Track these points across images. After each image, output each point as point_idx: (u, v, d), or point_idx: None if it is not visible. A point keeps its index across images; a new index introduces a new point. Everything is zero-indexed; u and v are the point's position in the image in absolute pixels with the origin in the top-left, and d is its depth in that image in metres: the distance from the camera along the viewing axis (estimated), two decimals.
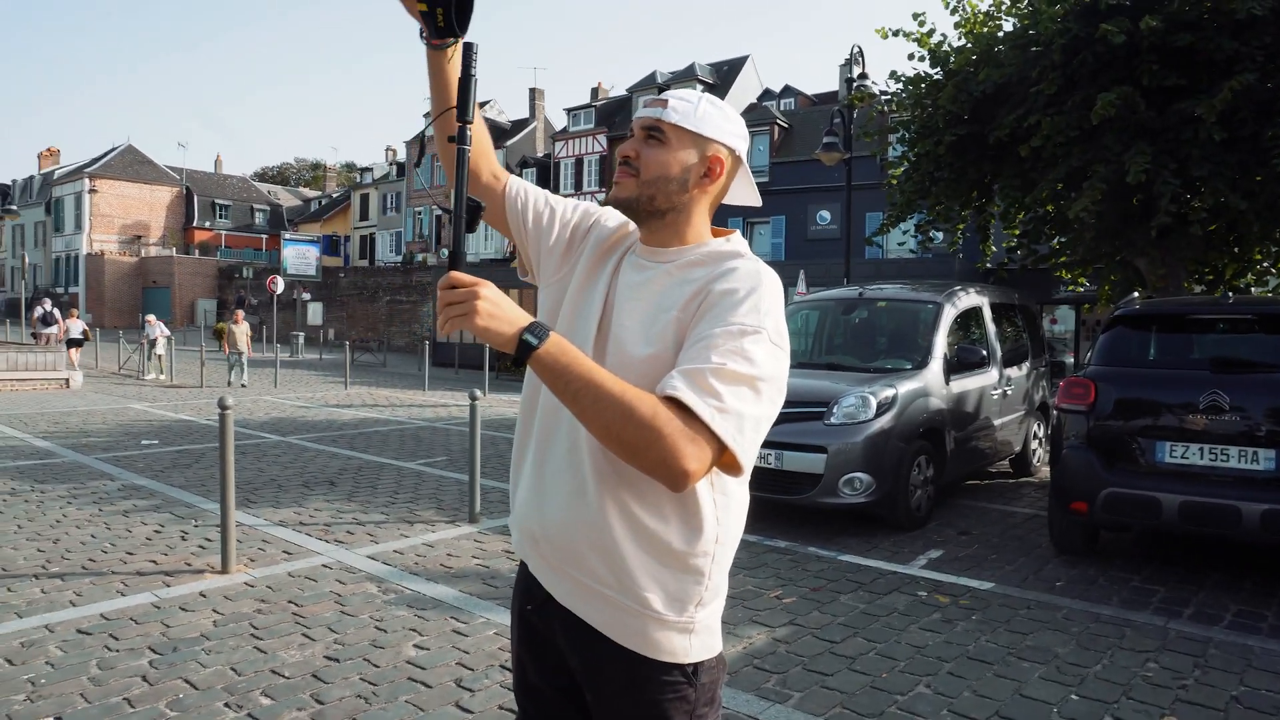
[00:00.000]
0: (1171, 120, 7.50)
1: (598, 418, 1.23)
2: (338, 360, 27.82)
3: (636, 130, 1.47)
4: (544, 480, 1.47)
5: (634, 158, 1.45)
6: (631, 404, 1.22)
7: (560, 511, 1.43)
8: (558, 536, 1.44)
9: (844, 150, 12.83)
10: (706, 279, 1.41)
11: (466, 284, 1.22)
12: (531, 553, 1.53)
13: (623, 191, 1.46)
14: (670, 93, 1.48)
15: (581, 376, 1.24)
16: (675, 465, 1.22)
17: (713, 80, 38.37)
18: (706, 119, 1.45)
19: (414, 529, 6.08)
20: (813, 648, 3.99)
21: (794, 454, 6.05)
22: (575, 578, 1.43)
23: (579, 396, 1.24)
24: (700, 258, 1.46)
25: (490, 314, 1.23)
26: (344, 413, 13.61)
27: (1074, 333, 20.59)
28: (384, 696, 3.37)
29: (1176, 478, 5.01)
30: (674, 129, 1.44)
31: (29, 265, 58.84)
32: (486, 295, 1.23)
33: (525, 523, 1.52)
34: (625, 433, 1.22)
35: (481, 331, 1.23)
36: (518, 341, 1.24)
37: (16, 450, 9.12)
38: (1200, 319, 5.87)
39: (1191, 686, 3.64)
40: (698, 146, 1.45)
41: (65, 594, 4.52)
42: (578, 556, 1.42)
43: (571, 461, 1.43)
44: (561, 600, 1.46)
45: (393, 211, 54.27)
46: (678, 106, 1.44)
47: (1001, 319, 8.27)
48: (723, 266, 1.42)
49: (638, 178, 1.44)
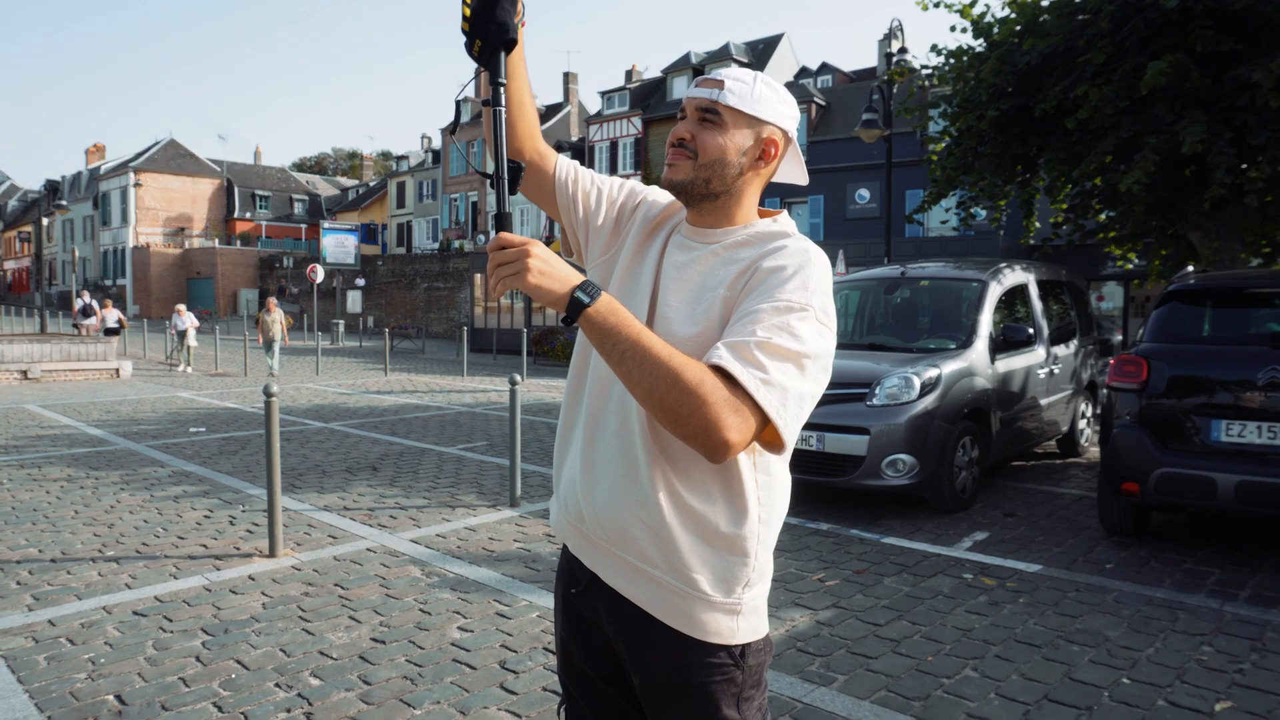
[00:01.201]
0: (1227, 87, 7.24)
1: (643, 380, 1.22)
2: (377, 347, 28.20)
3: (690, 111, 1.44)
4: (594, 459, 1.46)
5: (689, 140, 1.42)
6: (678, 369, 1.21)
7: (610, 491, 1.42)
8: (607, 516, 1.43)
9: (883, 127, 12.62)
10: (754, 257, 1.39)
11: (517, 243, 1.22)
12: (573, 533, 1.52)
13: (678, 174, 1.43)
14: (724, 72, 1.44)
15: (630, 337, 1.23)
16: (716, 434, 1.21)
17: (748, 59, 37.95)
18: (763, 100, 1.43)
19: (455, 513, 6.14)
20: (857, 630, 3.95)
21: (836, 435, 5.99)
22: (622, 557, 1.43)
23: (626, 358, 1.22)
24: (747, 238, 1.44)
25: (542, 271, 1.22)
26: (384, 399, 13.78)
27: (1122, 309, 20.10)
28: (429, 678, 3.41)
29: (1233, 457, 4.87)
30: (730, 111, 1.41)
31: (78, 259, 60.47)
32: (537, 254, 1.22)
33: (571, 502, 1.51)
34: (669, 397, 1.21)
35: (534, 289, 1.22)
36: (569, 299, 1.23)
37: (72, 438, 9.38)
38: (1258, 293, 5.67)
39: (1249, 671, 3.54)
40: (753, 128, 1.43)
41: (121, 577, 4.64)
42: (627, 536, 1.41)
43: (622, 441, 1.41)
44: (608, 580, 1.45)
45: (429, 199, 54.68)
46: (734, 88, 1.41)
47: (1048, 296, 8.08)
48: (770, 245, 1.41)
49: (694, 160, 1.42)
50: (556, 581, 1.63)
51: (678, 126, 1.44)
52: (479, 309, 28.29)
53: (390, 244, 57.52)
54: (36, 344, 17.06)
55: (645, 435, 1.38)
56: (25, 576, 4.63)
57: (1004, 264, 7.74)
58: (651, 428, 1.38)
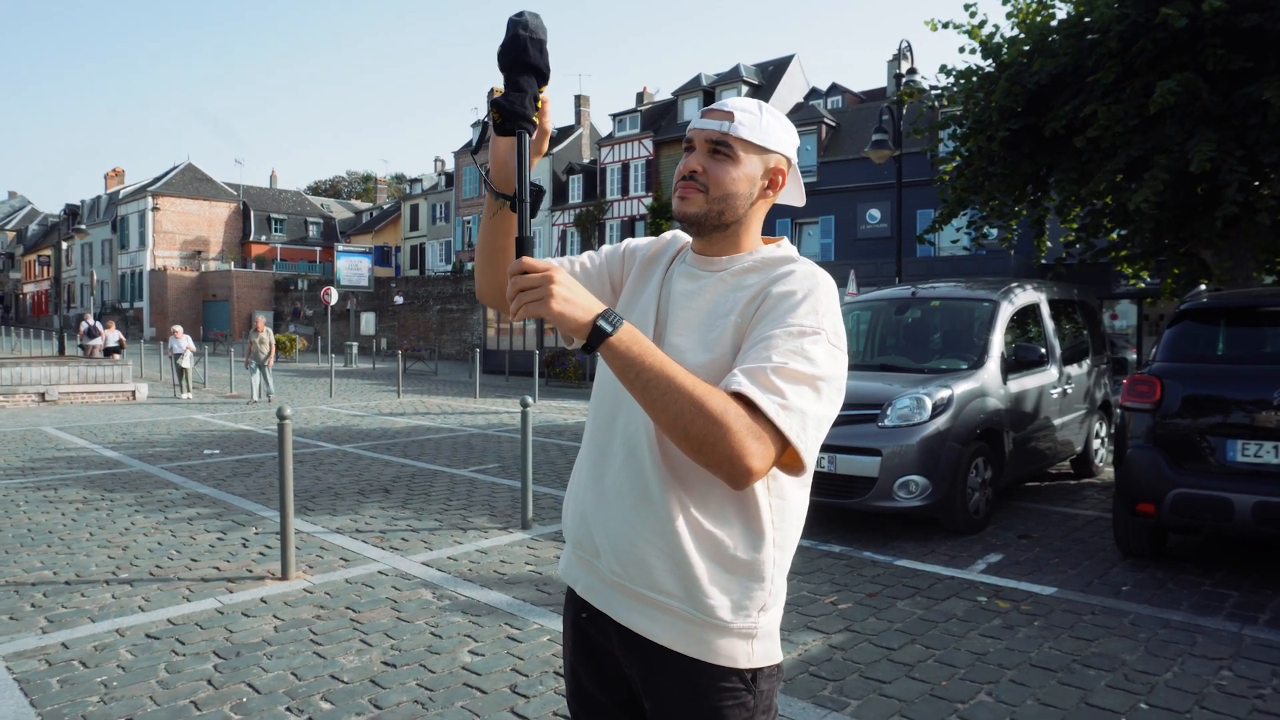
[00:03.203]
0: (1238, 105, 7.23)
1: (667, 409, 1.22)
2: (390, 369, 28.33)
3: (700, 143, 1.45)
4: (604, 492, 1.46)
5: (700, 173, 1.43)
6: (703, 398, 1.21)
7: (624, 522, 1.42)
8: (623, 547, 1.42)
9: (894, 147, 12.65)
10: (763, 283, 1.41)
11: (540, 269, 1.21)
12: (586, 573, 1.52)
13: (691, 207, 1.44)
14: (731, 103, 1.45)
15: (654, 367, 1.22)
16: (740, 462, 1.22)
17: (758, 81, 38.17)
18: (770, 130, 1.45)
19: (467, 535, 6.14)
20: (870, 654, 3.92)
21: (848, 457, 5.97)
22: (636, 592, 1.42)
23: (649, 387, 1.22)
24: (754, 264, 1.46)
25: (565, 299, 1.21)
26: (397, 421, 13.83)
27: (1136, 328, 19.97)
28: (440, 702, 3.40)
29: (1249, 477, 4.82)
30: (740, 142, 1.43)
31: (96, 282, 61.17)
32: (561, 280, 1.21)
33: (585, 538, 1.51)
34: (694, 426, 1.21)
35: (557, 317, 1.21)
36: (592, 327, 1.22)
37: (87, 460, 9.45)
38: (1271, 311, 5.63)
39: (1269, 696, 3.49)
40: (762, 158, 1.45)
41: (134, 599, 4.66)
42: (644, 568, 1.40)
43: (631, 470, 1.42)
44: (620, 620, 1.45)
45: (442, 221, 55.08)
46: (744, 120, 1.43)
47: (1060, 315, 8.05)
48: (778, 270, 1.42)
49: (706, 193, 1.43)
50: (566, 606, 1.62)
51: (688, 159, 1.45)
52: (491, 330, 28.40)
53: (404, 266, 57.92)
54: (54, 366, 17.24)
55: (656, 464, 1.38)
56: (40, 599, 4.66)
57: (1015, 284, 7.72)
58: (663, 456, 1.38)
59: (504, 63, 1.33)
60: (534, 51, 1.32)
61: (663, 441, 1.38)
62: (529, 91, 1.33)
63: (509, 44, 1.32)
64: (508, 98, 1.32)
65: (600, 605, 1.48)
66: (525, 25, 1.32)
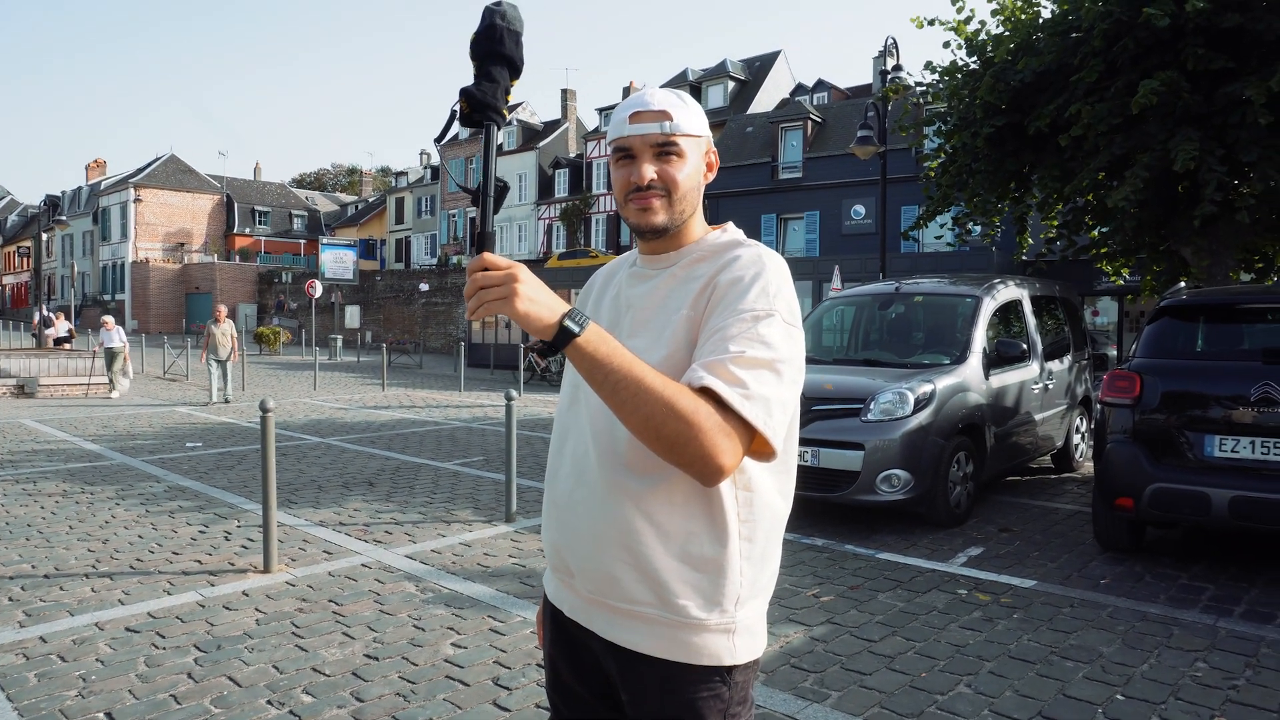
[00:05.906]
0: (1218, 104, 7.30)
1: (638, 411, 1.20)
2: (375, 362, 28.18)
3: (642, 149, 1.41)
4: (562, 515, 1.48)
5: (657, 180, 1.41)
6: (673, 398, 1.20)
7: (586, 542, 1.42)
8: (589, 568, 1.43)
9: (879, 144, 12.69)
10: (711, 272, 1.40)
11: (502, 266, 1.17)
12: (568, 594, 1.52)
13: (658, 217, 1.42)
14: (658, 101, 1.42)
15: (622, 367, 1.20)
16: (712, 460, 1.21)
17: (745, 76, 38.19)
18: (697, 115, 1.45)
19: (451, 529, 6.13)
20: (851, 646, 3.94)
21: (831, 451, 5.99)
22: (613, 606, 1.42)
23: (618, 388, 1.20)
24: (703, 253, 1.45)
25: (530, 298, 1.17)
26: (381, 414, 13.77)
27: (1117, 325, 20.16)
28: (422, 695, 3.40)
29: (1227, 472, 4.88)
30: (684, 137, 1.42)
31: (77, 274, 60.52)
32: (525, 278, 1.17)
33: (556, 561, 1.53)
34: (666, 427, 1.20)
35: (523, 317, 1.17)
36: (558, 328, 1.18)
37: (67, 453, 9.36)
38: (1249, 308, 5.70)
39: (1243, 687, 3.54)
40: (698, 145, 1.45)
41: (114, 593, 4.62)
42: (614, 582, 1.40)
43: (583, 492, 1.43)
44: (605, 636, 1.45)
45: (427, 214, 54.84)
46: (680, 115, 1.41)
47: (1042, 312, 8.11)
48: (725, 257, 1.42)
49: (668, 198, 1.42)
50: (544, 598, 1.63)
51: (641, 170, 1.41)
52: (476, 324, 28.30)
53: (389, 259, 57.62)
54: (33, 358, 17.06)
55: (608, 480, 1.38)
56: (17, 592, 4.62)
57: (998, 280, 7.77)
58: (613, 471, 1.38)
59: (477, 51, 1.29)
60: (509, 42, 1.29)
61: (611, 456, 1.38)
62: (501, 83, 1.29)
63: (484, 32, 1.29)
64: (479, 87, 1.28)
65: (585, 623, 1.48)
66: (503, 15, 1.29)
